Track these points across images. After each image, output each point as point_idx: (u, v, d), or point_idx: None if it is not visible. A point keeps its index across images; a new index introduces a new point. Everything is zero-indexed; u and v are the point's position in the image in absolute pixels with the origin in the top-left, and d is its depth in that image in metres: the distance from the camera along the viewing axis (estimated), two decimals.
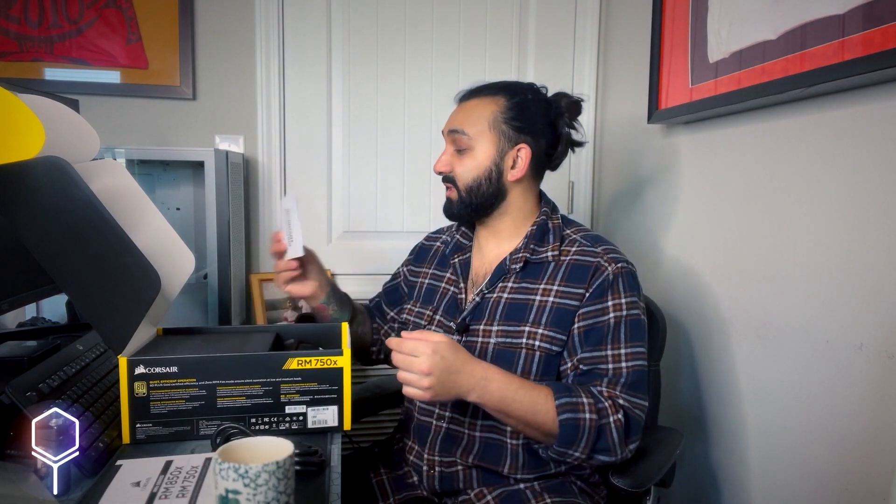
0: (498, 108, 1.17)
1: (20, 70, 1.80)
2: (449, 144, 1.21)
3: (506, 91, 1.19)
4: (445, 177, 1.21)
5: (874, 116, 1.07)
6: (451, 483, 1.15)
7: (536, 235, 1.18)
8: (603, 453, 1.04)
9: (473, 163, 1.17)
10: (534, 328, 1.11)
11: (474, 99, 1.20)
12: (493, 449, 1.13)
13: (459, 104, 1.23)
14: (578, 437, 1.02)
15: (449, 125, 1.21)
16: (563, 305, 1.11)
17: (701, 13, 1.48)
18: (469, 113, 1.18)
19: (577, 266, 1.13)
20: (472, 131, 1.17)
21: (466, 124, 1.17)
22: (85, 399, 0.92)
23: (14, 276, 1.05)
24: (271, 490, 0.68)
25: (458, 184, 1.18)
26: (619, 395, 1.06)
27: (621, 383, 1.07)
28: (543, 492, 1.11)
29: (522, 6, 2.06)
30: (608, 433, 1.03)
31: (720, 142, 1.50)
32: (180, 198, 1.84)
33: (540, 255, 1.17)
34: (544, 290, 1.13)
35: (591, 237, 1.18)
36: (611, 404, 1.04)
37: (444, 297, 1.24)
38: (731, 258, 1.45)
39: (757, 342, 1.36)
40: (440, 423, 1.16)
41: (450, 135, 1.19)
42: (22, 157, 0.85)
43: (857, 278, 1.11)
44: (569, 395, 1.03)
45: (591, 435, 1.02)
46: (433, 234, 1.39)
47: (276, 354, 0.98)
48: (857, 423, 1.11)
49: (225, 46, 1.91)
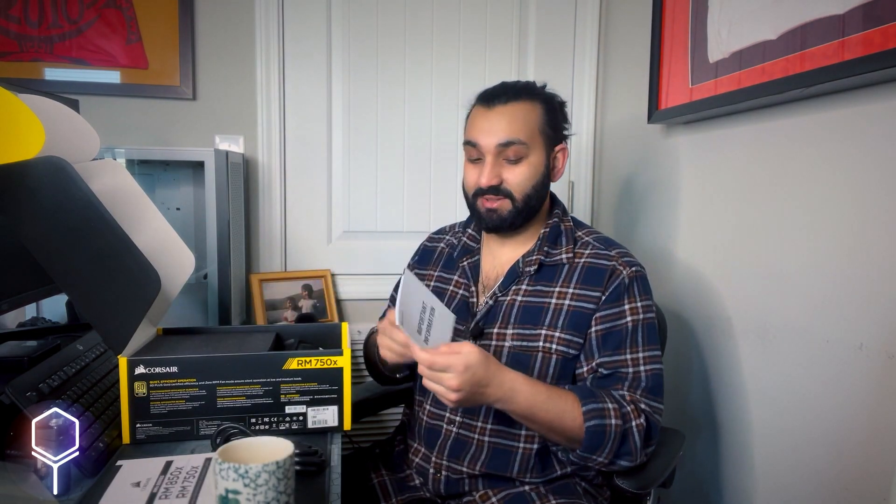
0: (541, 111, 1.15)
1: (20, 70, 1.80)
2: (494, 155, 1.13)
3: (538, 95, 1.16)
4: (494, 188, 1.13)
5: (874, 116, 1.07)
6: (456, 487, 1.15)
7: (550, 238, 1.17)
8: (625, 458, 1.04)
9: (531, 170, 1.13)
10: (550, 331, 1.11)
11: (514, 104, 1.13)
12: (501, 454, 1.12)
13: (494, 108, 1.13)
14: (604, 444, 1.02)
15: (496, 136, 1.12)
16: (579, 308, 1.11)
17: (701, 13, 1.48)
18: (515, 119, 1.12)
19: (592, 269, 1.13)
20: (527, 138, 1.12)
21: (520, 132, 1.12)
22: (85, 399, 0.92)
23: (14, 276, 1.05)
24: (271, 490, 0.68)
25: (513, 193, 1.13)
26: (641, 399, 1.07)
27: (642, 387, 1.07)
28: (548, 493, 1.11)
29: (522, 6, 2.06)
30: (631, 438, 1.04)
31: (720, 142, 1.50)
32: (180, 198, 1.84)
33: (554, 258, 1.16)
34: (560, 293, 1.13)
35: (604, 240, 1.18)
36: (633, 409, 1.05)
37: (454, 301, 1.21)
38: (731, 258, 1.45)
39: (757, 342, 1.36)
40: (451, 428, 1.15)
41: (498, 147, 1.12)
42: (22, 157, 0.85)
43: (857, 278, 1.11)
44: (595, 402, 1.03)
45: (615, 441, 1.03)
46: (435, 235, 1.37)
47: (276, 354, 0.98)
48: (857, 423, 1.11)
49: (225, 46, 1.91)
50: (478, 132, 1.14)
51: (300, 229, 2.01)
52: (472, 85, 2.05)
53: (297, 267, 2.01)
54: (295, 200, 2.00)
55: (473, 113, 1.18)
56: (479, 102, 1.17)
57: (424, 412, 1.20)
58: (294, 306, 1.95)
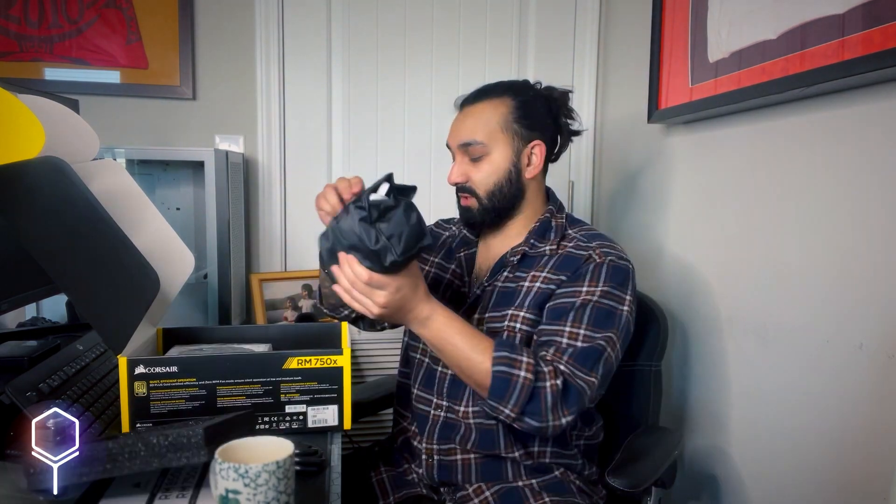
0: (507, 109, 1.16)
1: (20, 70, 1.80)
2: (460, 155, 1.19)
3: (510, 91, 1.18)
4: (461, 187, 1.19)
5: (874, 116, 1.07)
6: (448, 473, 1.15)
7: (538, 231, 1.20)
8: (533, 417, 1.01)
9: (491, 167, 1.16)
10: (517, 311, 1.13)
11: (479, 103, 1.18)
12: (487, 434, 1.14)
13: (462, 110, 1.21)
14: (509, 393, 1.00)
15: (457, 138, 1.18)
16: (545, 290, 1.13)
17: (701, 13, 1.48)
18: (477, 119, 1.17)
19: (568, 257, 1.15)
20: (485, 138, 1.15)
21: (477, 132, 1.16)
22: (85, 399, 0.92)
23: (14, 276, 1.05)
24: (271, 490, 0.68)
25: (477, 191, 1.17)
26: (564, 361, 1.03)
27: (569, 353, 1.04)
28: (542, 490, 1.12)
29: (522, 6, 2.05)
30: (541, 397, 1.00)
31: (720, 141, 1.50)
32: (180, 198, 1.84)
33: (538, 250, 1.18)
34: (532, 277, 1.15)
35: (591, 235, 1.19)
36: (551, 370, 1.02)
37: (449, 290, 1.26)
38: (732, 258, 1.45)
39: (757, 342, 1.35)
40: (438, 413, 1.18)
41: (460, 148, 1.18)
42: (22, 158, 0.85)
43: (857, 278, 1.11)
44: (509, 351, 1.02)
45: (522, 394, 1.00)
46: (444, 223, 1.39)
47: (276, 354, 0.98)
48: (857, 423, 1.11)
49: (225, 46, 1.91)
50: (448, 136, 1.21)
51: (300, 229, 2.01)
52: (472, 85, 2.07)
53: (297, 267, 2.01)
54: (295, 200, 2.00)
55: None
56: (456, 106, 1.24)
57: (413, 396, 1.23)
58: (294, 306, 1.95)
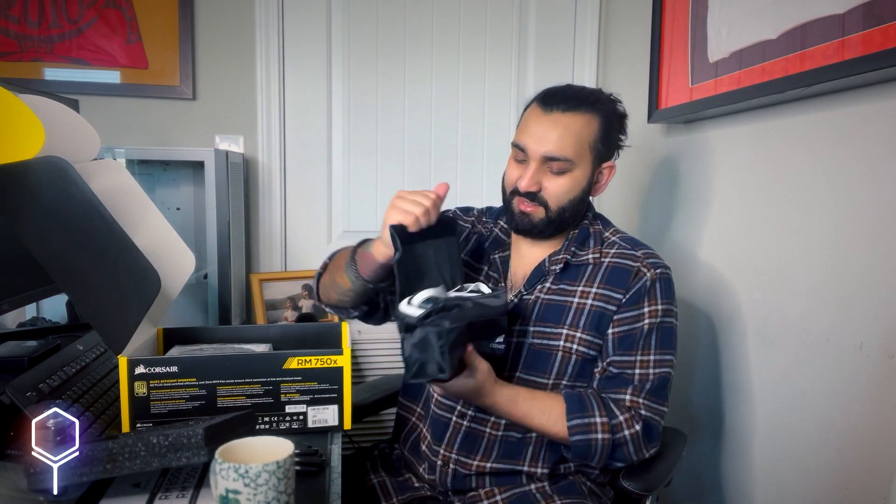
0: (596, 127, 1.11)
1: (20, 70, 1.80)
2: (538, 163, 1.10)
3: (598, 105, 1.12)
4: (532, 194, 1.11)
5: (874, 116, 1.07)
6: (463, 483, 1.14)
7: (578, 239, 1.16)
8: (620, 461, 1.08)
9: (572, 184, 1.11)
10: (572, 331, 1.11)
11: (572, 114, 1.09)
12: (514, 445, 1.13)
13: (551, 114, 1.09)
14: (591, 454, 1.06)
15: (545, 147, 1.08)
16: (601, 309, 1.11)
17: (701, 13, 1.48)
18: (569, 132, 1.09)
19: (617, 269, 1.12)
20: (574, 155, 1.09)
21: (568, 148, 1.08)
22: (85, 399, 0.92)
23: (14, 276, 1.05)
24: (271, 490, 0.68)
25: (548, 203, 1.11)
26: (642, 403, 1.07)
27: (646, 389, 1.08)
28: (554, 493, 1.11)
29: (522, 6, 2.05)
30: (623, 447, 1.06)
31: (720, 141, 1.50)
32: (180, 198, 1.84)
33: (580, 258, 1.15)
34: (583, 293, 1.12)
35: (630, 240, 1.17)
36: (628, 417, 1.06)
37: None
38: (731, 258, 1.45)
39: (757, 341, 1.36)
40: (461, 421, 1.14)
41: (547, 158, 1.09)
42: (22, 157, 0.84)
43: (857, 278, 1.11)
44: (581, 416, 1.05)
45: (604, 452, 1.06)
46: (462, 213, 1.31)
47: (276, 354, 0.98)
48: (857, 423, 1.11)
49: (225, 46, 1.91)
50: (528, 137, 1.10)
51: (300, 229, 2.01)
52: (473, 85, 2.08)
53: (297, 267, 2.01)
54: (295, 200, 2.00)
55: (529, 112, 1.14)
56: (538, 102, 1.12)
57: (433, 401, 1.18)
58: (294, 306, 1.95)
